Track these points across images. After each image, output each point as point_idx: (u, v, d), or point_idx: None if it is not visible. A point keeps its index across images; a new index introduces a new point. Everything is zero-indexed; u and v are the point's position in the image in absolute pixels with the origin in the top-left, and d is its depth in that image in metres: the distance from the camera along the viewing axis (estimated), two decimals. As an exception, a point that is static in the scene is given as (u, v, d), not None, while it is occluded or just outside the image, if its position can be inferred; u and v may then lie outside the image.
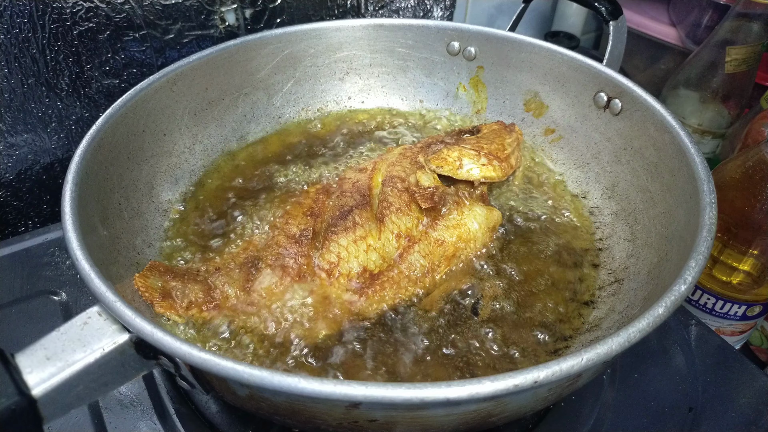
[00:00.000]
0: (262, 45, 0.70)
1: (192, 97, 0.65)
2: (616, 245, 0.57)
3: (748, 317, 0.68)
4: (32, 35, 0.65)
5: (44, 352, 0.35)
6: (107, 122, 0.53)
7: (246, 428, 0.50)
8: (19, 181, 0.73)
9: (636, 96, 0.59)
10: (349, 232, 0.52)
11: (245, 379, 0.32)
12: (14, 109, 0.67)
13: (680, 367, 0.56)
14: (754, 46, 0.81)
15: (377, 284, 0.51)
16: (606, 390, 0.54)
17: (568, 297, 0.53)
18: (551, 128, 0.70)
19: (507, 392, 0.32)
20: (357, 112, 0.78)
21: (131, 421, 0.51)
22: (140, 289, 0.47)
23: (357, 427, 0.36)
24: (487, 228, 0.57)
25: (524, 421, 0.51)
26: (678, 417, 0.52)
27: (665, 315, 0.37)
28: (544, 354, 0.48)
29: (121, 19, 0.69)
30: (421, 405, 0.32)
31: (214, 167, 0.67)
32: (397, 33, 0.75)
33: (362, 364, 0.46)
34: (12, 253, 0.66)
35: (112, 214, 0.52)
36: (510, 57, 0.71)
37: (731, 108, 0.86)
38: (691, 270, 0.40)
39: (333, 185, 0.59)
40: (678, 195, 0.51)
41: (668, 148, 0.54)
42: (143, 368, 0.39)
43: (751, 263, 0.63)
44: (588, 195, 0.64)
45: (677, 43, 0.97)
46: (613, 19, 0.68)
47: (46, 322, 0.59)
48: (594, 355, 0.33)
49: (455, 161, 0.60)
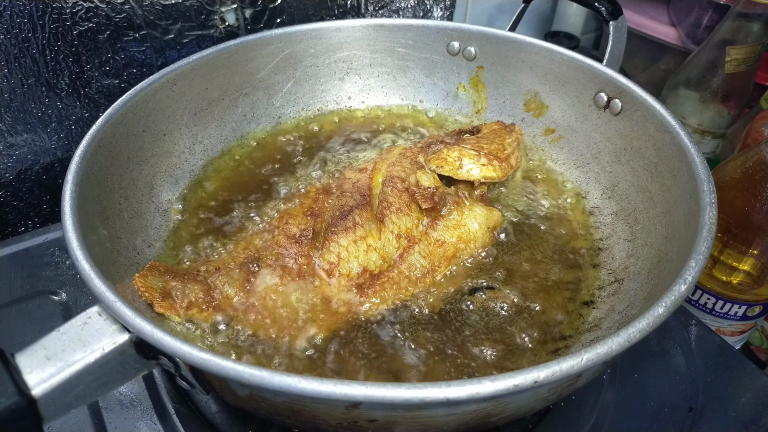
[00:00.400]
0: (262, 45, 0.70)
1: (192, 97, 0.65)
2: (616, 245, 0.57)
3: (748, 317, 0.68)
4: (32, 35, 0.65)
5: (44, 352, 0.35)
6: (107, 122, 0.53)
7: (246, 428, 0.50)
8: (19, 181, 0.73)
9: (636, 96, 0.59)
10: (349, 232, 0.52)
11: (245, 379, 0.32)
12: (14, 109, 0.67)
13: (680, 367, 0.56)
14: (754, 46, 0.81)
15: (377, 284, 0.51)
16: (606, 390, 0.54)
17: (568, 297, 0.53)
18: (551, 128, 0.70)
19: (507, 392, 0.32)
20: (357, 112, 0.78)
21: (131, 421, 0.51)
22: (140, 289, 0.47)
23: (357, 427, 0.36)
24: (487, 228, 0.57)
25: (524, 421, 0.51)
26: (678, 417, 0.52)
27: (665, 315, 0.37)
28: (544, 354, 0.48)
29: (121, 19, 0.69)
30: (421, 405, 0.32)
31: (214, 167, 0.67)
32: (397, 33, 0.75)
33: (362, 364, 0.46)
34: (12, 253, 0.66)
35: (112, 214, 0.52)
36: (510, 57, 0.71)
37: (731, 108, 0.86)
38: (691, 270, 0.40)
39: (333, 185, 0.59)
40: (678, 195, 0.51)
41: (668, 148, 0.54)
42: (143, 368, 0.39)
43: (751, 263, 0.63)
44: (588, 195, 0.64)
45: (677, 43, 0.97)
46: (613, 19, 0.68)
47: (46, 322, 0.59)
48: (594, 355, 0.33)
49: (455, 161, 0.60)
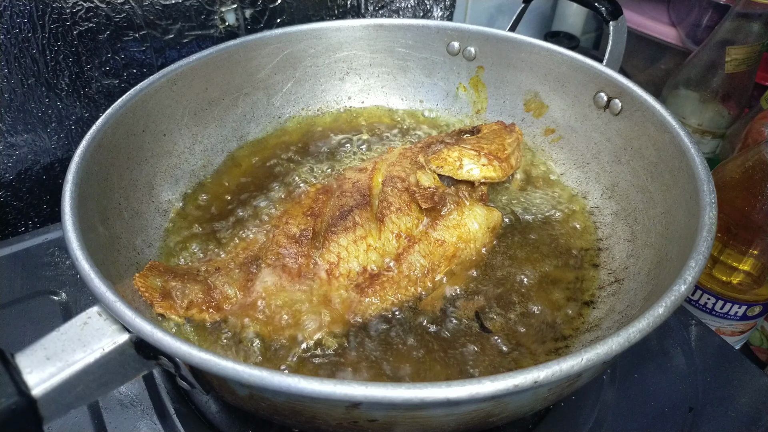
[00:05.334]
0: (262, 45, 0.70)
1: (192, 97, 0.65)
2: (616, 245, 0.57)
3: (748, 317, 0.68)
4: (32, 35, 0.65)
5: (44, 352, 0.35)
6: (107, 122, 0.53)
7: (246, 428, 0.50)
8: (19, 181, 0.73)
9: (636, 96, 0.59)
10: (349, 232, 0.52)
11: (245, 379, 0.32)
12: (14, 109, 0.67)
13: (680, 367, 0.56)
14: (754, 46, 0.81)
15: (377, 284, 0.51)
16: (606, 390, 0.54)
17: (568, 297, 0.53)
18: (551, 128, 0.70)
19: (507, 392, 0.32)
20: (357, 112, 0.78)
21: (131, 421, 0.51)
22: (140, 289, 0.47)
23: (357, 427, 0.36)
24: (487, 228, 0.57)
25: (524, 421, 0.51)
26: (678, 417, 0.52)
27: (665, 315, 0.37)
28: (544, 354, 0.48)
29: (121, 19, 0.69)
30: (421, 405, 0.32)
31: (214, 167, 0.67)
32: (397, 33, 0.75)
33: (362, 364, 0.46)
34: (12, 253, 0.66)
35: (112, 214, 0.52)
36: (510, 57, 0.71)
37: (731, 108, 0.86)
38: (691, 270, 0.40)
39: (333, 185, 0.59)
40: (678, 195, 0.51)
41: (668, 148, 0.54)
42: (143, 368, 0.39)
43: (751, 263, 0.63)
44: (588, 195, 0.64)
45: (677, 43, 0.97)
46: (613, 19, 0.68)
47: (46, 322, 0.59)
48: (594, 355, 0.33)
49: (455, 161, 0.60)
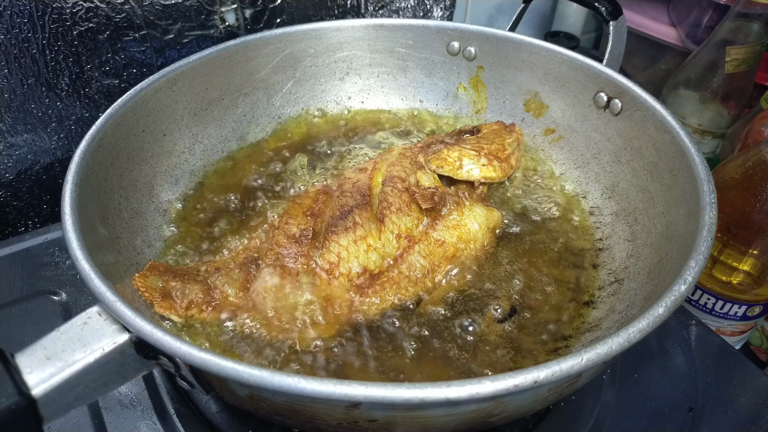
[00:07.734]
0: (262, 45, 0.70)
1: (192, 97, 0.65)
2: (616, 245, 0.57)
3: (748, 317, 0.68)
4: (32, 35, 0.65)
5: (44, 352, 0.35)
6: (107, 122, 0.53)
7: (246, 428, 0.50)
8: (19, 181, 0.73)
9: (636, 96, 0.59)
10: (349, 232, 0.52)
11: (245, 379, 0.32)
12: (14, 109, 0.67)
13: (680, 367, 0.56)
14: (754, 46, 0.81)
15: (377, 284, 0.51)
16: (606, 390, 0.54)
17: (568, 297, 0.53)
18: (551, 128, 0.70)
19: (507, 392, 0.32)
20: (357, 112, 0.78)
21: (131, 421, 0.51)
22: (140, 289, 0.47)
23: (357, 427, 0.36)
24: (487, 228, 0.57)
25: (524, 421, 0.51)
26: (678, 417, 0.52)
27: (665, 315, 0.37)
28: (544, 354, 0.48)
29: (121, 19, 0.69)
30: (421, 405, 0.32)
31: (214, 167, 0.67)
32: (397, 33, 0.75)
33: (362, 364, 0.46)
34: (12, 253, 0.66)
35: (112, 214, 0.52)
36: (510, 57, 0.71)
37: (731, 108, 0.86)
38: (691, 270, 0.40)
39: (333, 185, 0.59)
40: (678, 195, 0.51)
41: (668, 148, 0.54)
42: (143, 368, 0.39)
43: (751, 263, 0.63)
44: (588, 195, 0.64)
45: (677, 43, 0.97)
46: (613, 19, 0.68)
47: (46, 322, 0.59)
48: (594, 355, 0.33)
49: (455, 161, 0.60)
